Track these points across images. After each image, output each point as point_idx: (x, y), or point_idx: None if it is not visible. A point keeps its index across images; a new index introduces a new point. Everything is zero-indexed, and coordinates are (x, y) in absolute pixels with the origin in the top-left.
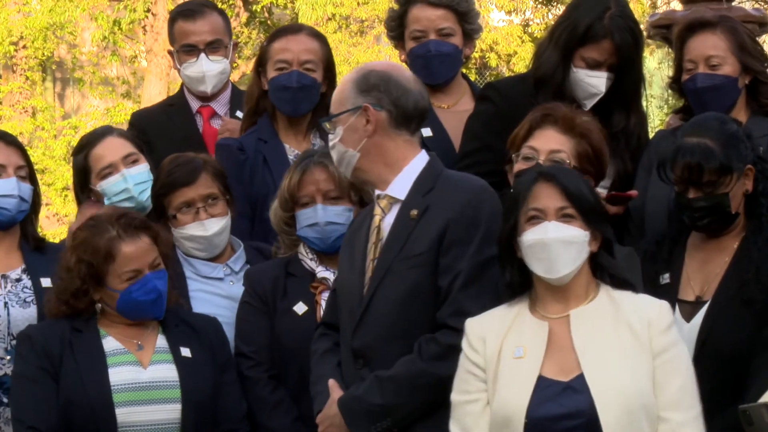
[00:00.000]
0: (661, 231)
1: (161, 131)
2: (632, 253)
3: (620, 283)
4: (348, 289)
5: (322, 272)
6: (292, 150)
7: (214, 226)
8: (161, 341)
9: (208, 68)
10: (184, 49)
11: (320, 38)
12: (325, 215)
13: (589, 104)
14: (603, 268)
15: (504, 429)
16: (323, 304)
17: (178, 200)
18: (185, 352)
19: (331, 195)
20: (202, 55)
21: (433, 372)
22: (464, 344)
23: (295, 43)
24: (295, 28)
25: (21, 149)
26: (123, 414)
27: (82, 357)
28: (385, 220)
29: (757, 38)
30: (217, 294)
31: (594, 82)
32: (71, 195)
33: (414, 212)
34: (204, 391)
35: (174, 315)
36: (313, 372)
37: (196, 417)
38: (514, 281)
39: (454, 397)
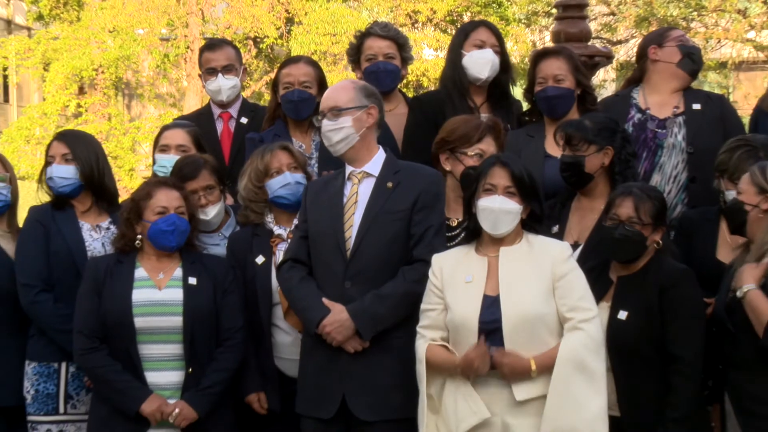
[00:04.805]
0: (555, 198)
1: None
2: None
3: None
4: (327, 233)
5: (277, 230)
6: (298, 142)
7: (212, 211)
8: (177, 272)
9: (223, 84)
10: (207, 71)
11: (314, 65)
12: (293, 178)
13: (486, 71)
14: (529, 225)
15: (462, 330)
16: (278, 253)
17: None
18: (192, 280)
19: (293, 166)
20: (219, 74)
21: (415, 290)
22: (430, 271)
23: (296, 69)
24: (296, 59)
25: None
26: (139, 321)
27: (118, 281)
28: (360, 189)
29: (603, 67)
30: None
31: (483, 55)
32: (135, 174)
33: (390, 184)
34: (202, 309)
35: (193, 255)
36: (297, 291)
37: (193, 326)
38: (471, 228)
39: (422, 306)
